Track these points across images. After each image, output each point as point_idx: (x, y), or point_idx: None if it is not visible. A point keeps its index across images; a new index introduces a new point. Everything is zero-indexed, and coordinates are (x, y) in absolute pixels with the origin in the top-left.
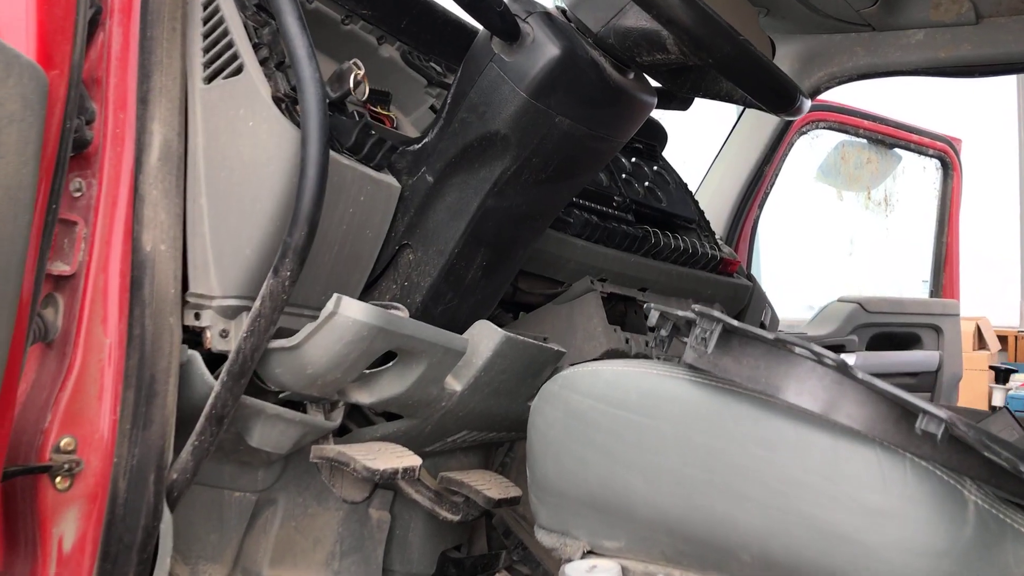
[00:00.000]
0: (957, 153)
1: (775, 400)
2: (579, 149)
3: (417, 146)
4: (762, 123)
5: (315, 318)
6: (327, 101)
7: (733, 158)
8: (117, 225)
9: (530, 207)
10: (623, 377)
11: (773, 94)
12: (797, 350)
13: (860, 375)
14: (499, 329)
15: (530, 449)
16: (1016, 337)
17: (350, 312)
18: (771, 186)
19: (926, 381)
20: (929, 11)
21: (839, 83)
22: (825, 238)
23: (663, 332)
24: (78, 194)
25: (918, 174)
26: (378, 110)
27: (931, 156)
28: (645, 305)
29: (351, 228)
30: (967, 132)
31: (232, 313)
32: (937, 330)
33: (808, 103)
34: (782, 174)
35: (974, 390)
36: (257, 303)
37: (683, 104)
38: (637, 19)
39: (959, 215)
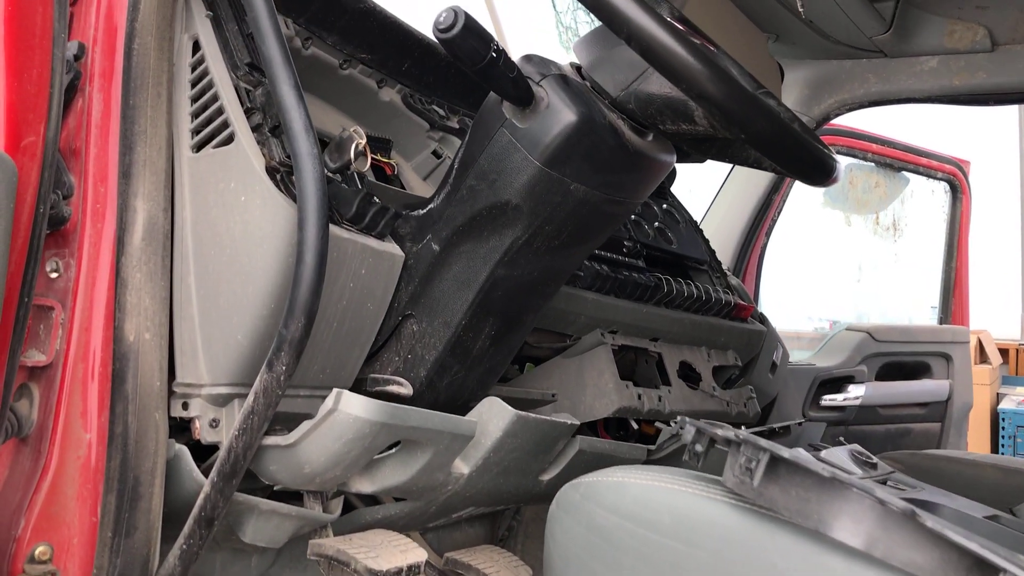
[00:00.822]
0: (966, 175)
1: (827, 536)
2: (595, 214)
3: (422, 211)
4: None
5: (312, 398)
6: (326, 177)
7: (740, 186)
8: (97, 312)
9: (542, 274)
10: (654, 493)
11: (809, 168)
12: (854, 489)
13: (930, 523)
14: (509, 408)
15: (547, 561)
16: (1017, 350)
17: (351, 409)
18: (778, 213)
19: (936, 411)
20: (944, 38)
21: (849, 110)
22: (833, 265)
23: (698, 447)
24: (55, 275)
25: (926, 197)
26: (378, 157)
27: (940, 179)
28: (679, 419)
29: (351, 303)
30: (968, 143)
31: (223, 401)
32: (947, 358)
33: (842, 169)
34: (789, 200)
35: (976, 404)
36: (250, 399)
37: (701, 158)
38: (661, 86)
39: (968, 239)
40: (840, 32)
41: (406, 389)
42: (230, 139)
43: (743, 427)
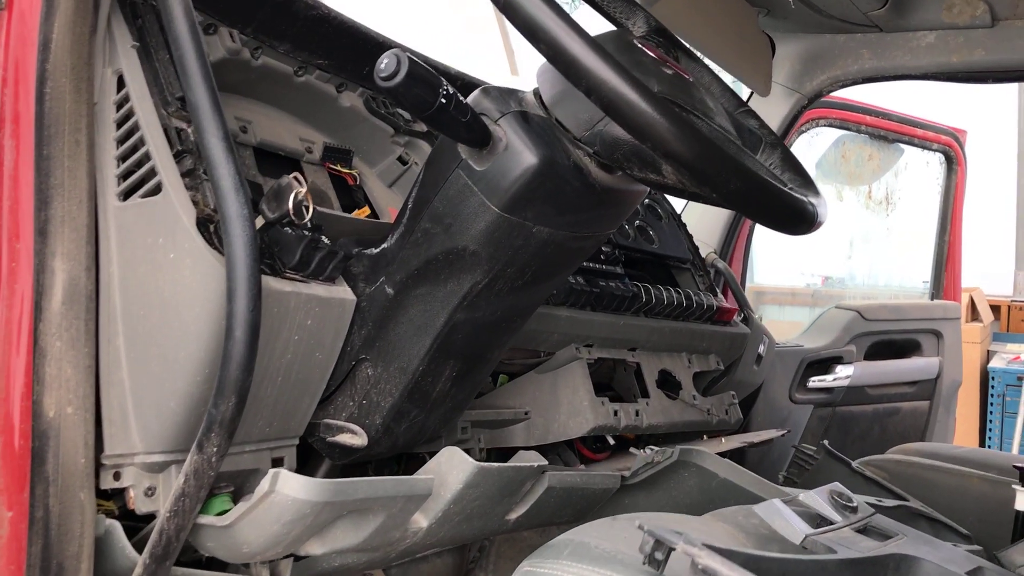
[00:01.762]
0: (962, 145)
1: None
2: (560, 252)
3: (375, 251)
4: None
5: (259, 451)
6: (257, 234)
7: None
8: (14, 384)
9: (506, 312)
10: None
11: (788, 220)
12: None
13: None
14: (469, 460)
15: None
16: (1009, 307)
17: (289, 490)
18: None
19: (925, 389)
20: (942, 12)
21: (842, 86)
22: (823, 241)
23: (658, 555)
24: None
25: (921, 169)
26: (339, 168)
27: (935, 151)
28: (653, 450)
29: (297, 355)
30: (964, 104)
31: (158, 468)
32: (937, 335)
33: (825, 216)
34: None
35: (966, 363)
36: (180, 480)
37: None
38: None
39: (963, 210)
40: (833, 7)
41: (360, 439)
42: (157, 189)
43: (722, 437)
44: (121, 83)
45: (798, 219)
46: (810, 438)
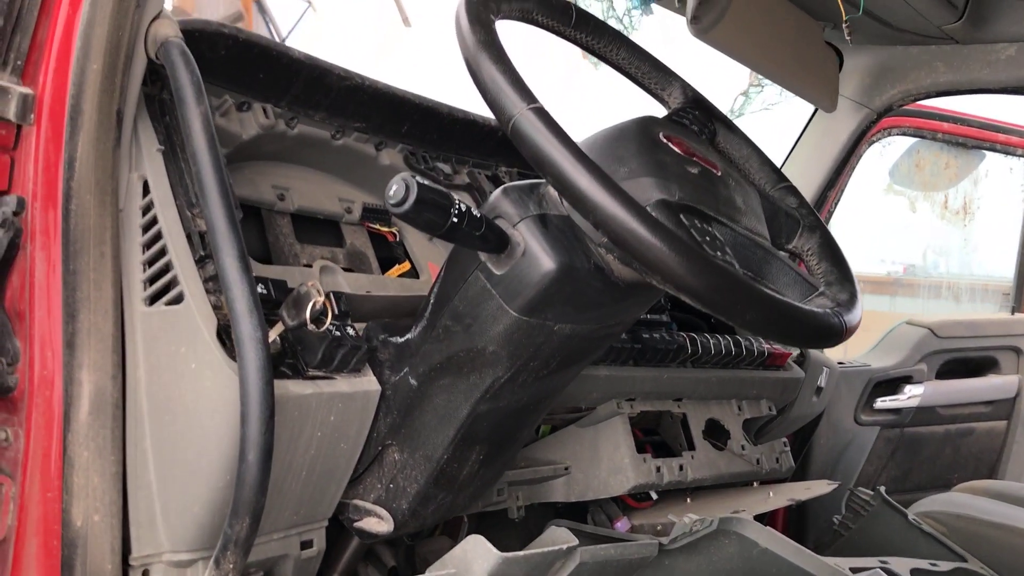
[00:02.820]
0: None
1: None
2: (587, 342)
3: (400, 340)
4: (826, 140)
5: (287, 538)
6: (271, 358)
7: (798, 173)
8: (46, 490)
9: (532, 398)
10: None
11: (814, 337)
12: None
13: None
14: (492, 550)
15: None
16: None
17: None
18: (835, 205)
19: (1003, 409)
20: (1023, 24)
21: (914, 100)
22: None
23: None
24: (5, 444)
25: (1003, 176)
26: (378, 228)
27: (1021, 156)
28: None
29: (321, 450)
30: None
31: (186, 563)
32: (1017, 352)
33: (855, 321)
34: (848, 188)
35: None
36: None
37: None
38: None
39: None
40: (905, 20)
41: (386, 525)
42: (180, 298)
43: (770, 490)
44: (146, 188)
45: (824, 336)
46: (876, 460)
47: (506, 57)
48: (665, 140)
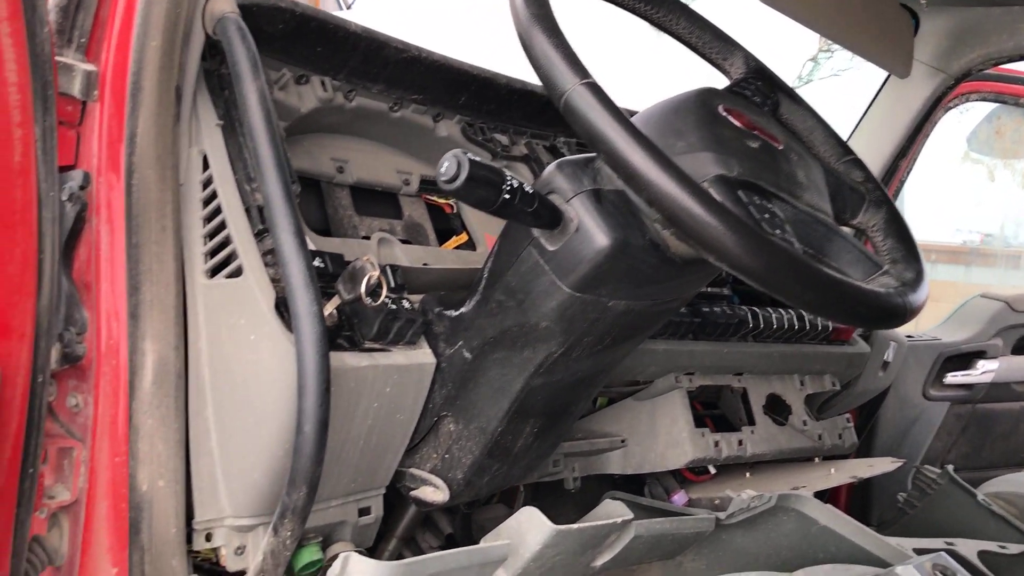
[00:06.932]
0: None
1: None
2: (642, 318)
3: (455, 313)
4: (899, 107)
5: (345, 504)
6: (326, 332)
7: (868, 142)
8: (114, 455)
9: (587, 372)
10: None
11: (876, 318)
12: None
13: None
14: (546, 522)
15: None
16: None
17: (358, 575)
18: (907, 175)
19: None
20: None
21: (995, 64)
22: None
23: None
24: (76, 410)
25: None
26: (435, 199)
27: None
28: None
29: (378, 420)
30: None
31: (247, 529)
32: None
33: (920, 300)
34: (921, 157)
35: None
36: (259, 559)
37: None
38: None
39: None
40: None
41: (441, 494)
42: (239, 271)
43: (831, 467)
44: (206, 163)
45: (886, 318)
46: (945, 436)
47: (559, 31)
48: (725, 113)
